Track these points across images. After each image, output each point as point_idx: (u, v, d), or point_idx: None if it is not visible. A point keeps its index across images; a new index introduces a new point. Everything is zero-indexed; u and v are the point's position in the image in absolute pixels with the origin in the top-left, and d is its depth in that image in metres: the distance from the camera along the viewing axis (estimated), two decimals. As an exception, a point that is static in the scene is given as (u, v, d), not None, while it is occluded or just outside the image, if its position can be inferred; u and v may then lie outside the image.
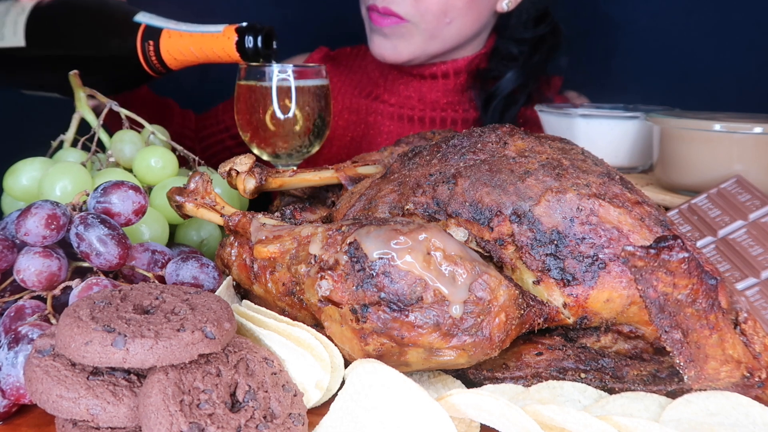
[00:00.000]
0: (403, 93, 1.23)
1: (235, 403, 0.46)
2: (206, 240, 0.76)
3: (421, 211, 0.56)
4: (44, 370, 0.46)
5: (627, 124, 0.95)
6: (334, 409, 0.48)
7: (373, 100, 1.26)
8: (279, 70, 0.85)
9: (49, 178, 0.70)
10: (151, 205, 0.72)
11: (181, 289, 0.52)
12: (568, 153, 0.58)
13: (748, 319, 0.49)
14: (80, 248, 0.57)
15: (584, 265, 0.52)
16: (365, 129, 1.26)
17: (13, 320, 0.54)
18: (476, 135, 0.60)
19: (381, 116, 1.25)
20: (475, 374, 0.54)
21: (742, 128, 0.78)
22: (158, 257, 0.63)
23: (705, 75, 1.47)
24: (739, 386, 0.48)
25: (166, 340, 0.45)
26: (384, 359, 0.49)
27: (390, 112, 1.24)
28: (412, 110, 1.22)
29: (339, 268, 0.49)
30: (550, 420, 0.45)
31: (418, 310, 0.47)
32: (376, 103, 1.26)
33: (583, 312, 0.53)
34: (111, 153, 0.78)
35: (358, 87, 1.29)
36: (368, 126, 1.26)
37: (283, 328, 0.53)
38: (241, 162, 0.68)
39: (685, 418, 0.47)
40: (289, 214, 0.67)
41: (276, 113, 0.86)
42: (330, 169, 0.70)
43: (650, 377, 0.52)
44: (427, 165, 0.60)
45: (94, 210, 0.60)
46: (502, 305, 0.48)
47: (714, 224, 0.70)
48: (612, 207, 0.53)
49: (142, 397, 0.44)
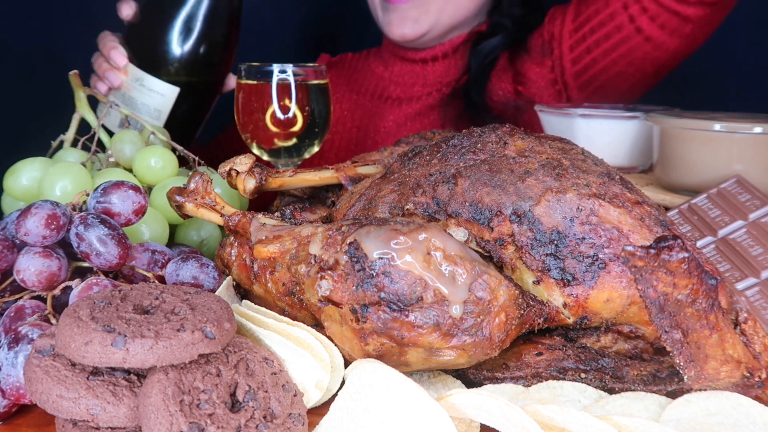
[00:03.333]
0: (408, 81, 1.29)
1: (235, 403, 0.46)
2: (206, 240, 0.76)
3: (421, 211, 0.56)
4: (44, 370, 0.46)
5: (627, 124, 0.95)
6: (334, 409, 0.48)
7: (378, 99, 1.31)
8: (279, 69, 0.85)
9: (49, 178, 0.70)
10: (151, 205, 0.72)
11: (181, 289, 0.52)
12: (568, 153, 0.58)
13: (748, 319, 0.49)
14: (80, 248, 0.57)
15: (584, 265, 0.52)
16: (370, 129, 1.30)
17: (13, 320, 0.54)
18: (476, 135, 0.60)
19: (387, 112, 1.29)
20: (475, 374, 0.54)
21: (742, 128, 0.78)
22: (158, 257, 0.63)
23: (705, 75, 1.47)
24: (739, 386, 0.48)
25: (166, 340, 0.45)
26: (384, 359, 0.49)
27: (397, 103, 1.29)
28: (418, 97, 1.28)
29: (339, 268, 0.49)
30: (550, 420, 0.45)
31: (418, 310, 0.47)
32: (381, 101, 1.30)
33: (583, 312, 0.53)
34: (111, 153, 0.78)
35: (363, 86, 1.33)
36: (374, 126, 1.30)
37: (283, 328, 0.53)
38: (241, 162, 0.68)
39: (685, 418, 0.47)
40: (289, 214, 0.67)
41: (276, 113, 0.86)
42: (330, 169, 0.70)
43: (650, 377, 0.52)
44: (427, 165, 0.60)
45: (94, 210, 0.60)
46: (502, 305, 0.48)
47: (714, 224, 0.70)
48: (612, 207, 0.53)
49: (142, 397, 0.44)
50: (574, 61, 1.18)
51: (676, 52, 1.11)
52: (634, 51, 1.12)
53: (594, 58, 1.16)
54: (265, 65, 0.86)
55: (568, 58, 1.18)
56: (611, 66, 1.15)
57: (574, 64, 1.18)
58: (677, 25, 1.06)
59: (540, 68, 1.22)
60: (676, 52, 1.11)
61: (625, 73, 1.15)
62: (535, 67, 1.23)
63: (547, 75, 1.22)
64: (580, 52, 1.17)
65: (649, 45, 1.10)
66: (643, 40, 1.10)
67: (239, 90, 0.89)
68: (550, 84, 1.22)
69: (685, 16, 1.05)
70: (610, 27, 1.12)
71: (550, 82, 1.22)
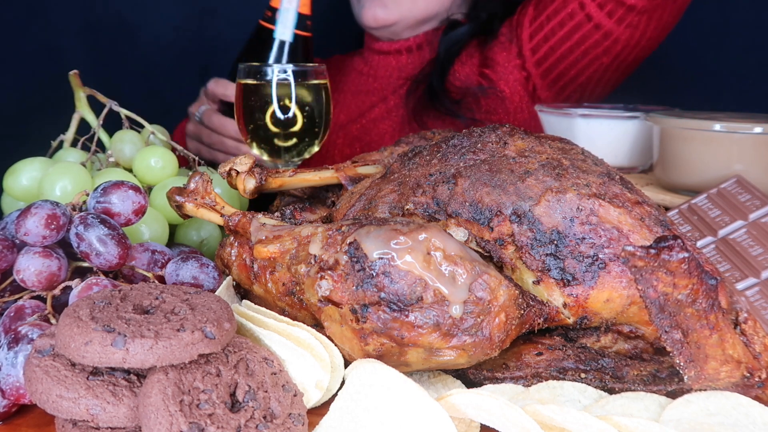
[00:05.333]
0: (384, 74, 1.34)
1: (235, 403, 0.46)
2: (206, 240, 0.76)
3: (421, 211, 0.56)
4: (44, 370, 0.46)
5: (627, 124, 0.95)
6: (334, 409, 0.48)
7: (359, 94, 1.34)
8: (279, 69, 0.85)
9: (49, 178, 0.70)
10: (151, 205, 0.72)
11: (181, 289, 0.52)
12: (568, 153, 0.58)
13: (748, 319, 0.49)
14: (80, 248, 0.57)
15: (584, 265, 0.52)
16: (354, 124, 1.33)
17: (13, 320, 0.54)
18: (476, 135, 0.60)
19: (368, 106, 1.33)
20: (475, 374, 0.54)
21: (742, 128, 0.78)
22: (158, 257, 0.63)
23: (705, 75, 1.47)
24: (739, 386, 0.48)
25: (166, 340, 0.45)
26: (384, 359, 0.49)
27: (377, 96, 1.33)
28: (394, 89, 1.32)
29: (339, 268, 0.49)
30: (550, 420, 0.45)
31: (418, 310, 0.47)
32: (362, 96, 1.34)
33: (583, 312, 0.53)
34: (111, 153, 0.78)
35: (347, 84, 1.37)
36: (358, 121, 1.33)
37: (283, 328, 0.53)
38: (241, 162, 0.68)
39: (685, 418, 0.47)
40: (289, 214, 0.67)
41: (276, 113, 0.86)
42: (330, 169, 0.70)
43: (650, 377, 0.52)
44: (427, 165, 0.60)
45: (94, 210, 0.60)
46: (502, 305, 0.48)
47: (714, 224, 0.70)
48: (612, 207, 0.53)
49: (142, 397, 0.44)
50: (534, 50, 1.21)
51: (629, 43, 1.13)
52: (587, 39, 1.14)
53: (551, 47, 1.19)
54: (265, 65, 0.86)
55: (528, 47, 1.21)
56: (567, 54, 1.18)
57: (533, 52, 1.21)
58: (623, 14, 1.09)
59: (507, 53, 1.25)
60: (629, 43, 1.13)
61: (581, 62, 1.18)
62: (503, 52, 1.25)
63: (514, 60, 1.24)
64: (539, 40, 1.20)
65: (599, 33, 1.13)
66: (593, 28, 1.13)
67: (239, 90, 0.89)
68: (516, 69, 1.24)
69: (630, 6, 1.08)
70: (563, 14, 1.15)
71: (516, 67, 1.24)
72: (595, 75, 1.20)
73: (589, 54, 1.16)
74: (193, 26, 1.61)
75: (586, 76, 1.20)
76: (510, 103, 1.24)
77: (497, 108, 1.25)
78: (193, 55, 1.62)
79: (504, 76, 1.24)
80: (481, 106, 1.25)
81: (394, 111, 1.31)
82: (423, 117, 1.26)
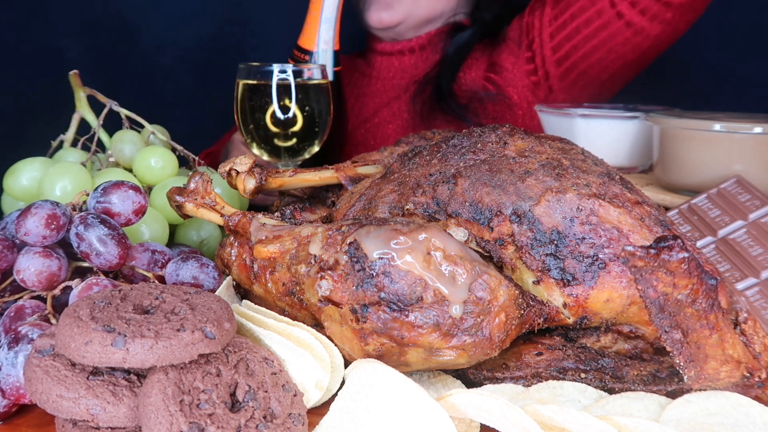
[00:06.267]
0: (387, 75, 1.33)
1: (235, 403, 0.46)
2: (206, 240, 0.76)
3: (421, 211, 0.56)
4: (44, 370, 0.46)
5: (627, 124, 0.95)
6: (334, 409, 0.48)
7: (362, 96, 1.34)
8: (279, 69, 0.85)
9: (49, 178, 0.70)
10: (151, 205, 0.72)
11: (181, 289, 0.52)
12: (568, 153, 0.58)
13: (748, 319, 0.49)
14: (80, 248, 0.57)
15: (584, 265, 0.52)
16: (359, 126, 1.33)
17: (13, 320, 0.54)
18: (476, 135, 0.60)
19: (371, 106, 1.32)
20: (475, 374, 0.54)
21: (742, 128, 0.78)
22: (158, 257, 0.63)
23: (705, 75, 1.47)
24: (739, 386, 0.48)
25: (166, 340, 0.45)
26: (384, 359, 0.49)
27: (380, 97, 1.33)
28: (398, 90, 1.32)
29: (339, 268, 0.49)
30: (550, 420, 0.45)
31: (418, 310, 0.47)
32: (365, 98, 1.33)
33: (583, 312, 0.53)
34: (111, 153, 0.78)
35: (349, 85, 1.36)
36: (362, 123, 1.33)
37: (283, 328, 0.53)
38: (241, 162, 0.68)
39: (685, 418, 0.47)
40: (289, 214, 0.67)
41: (276, 113, 0.86)
42: (330, 169, 0.70)
43: (650, 377, 0.52)
44: (427, 165, 0.60)
45: (94, 210, 0.60)
46: (502, 305, 0.48)
47: (714, 224, 0.70)
48: (612, 207, 0.53)
49: (142, 397, 0.44)
50: (555, 48, 1.19)
51: (658, 39, 1.12)
52: (615, 37, 1.13)
53: (574, 45, 1.17)
54: (265, 65, 0.86)
55: (549, 46, 1.20)
56: (592, 52, 1.16)
57: (554, 51, 1.19)
58: (658, 11, 1.08)
59: (516, 58, 1.24)
60: (658, 39, 1.12)
61: (605, 60, 1.16)
62: (511, 57, 1.24)
63: (523, 66, 1.23)
64: (561, 39, 1.18)
65: (629, 31, 1.11)
66: (623, 26, 1.11)
67: (239, 90, 0.89)
68: (526, 75, 1.23)
69: (667, 2, 1.06)
70: (590, 12, 1.14)
71: (526, 73, 1.23)
72: (618, 73, 1.19)
73: (616, 51, 1.14)
74: (193, 26, 1.61)
75: (609, 74, 1.19)
76: (518, 108, 1.24)
77: (504, 114, 1.24)
78: (193, 55, 1.62)
79: (512, 81, 1.23)
80: (488, 112, 1.24)
81: (398, 114, 1.30)
82: (431, 120, 1.26)
